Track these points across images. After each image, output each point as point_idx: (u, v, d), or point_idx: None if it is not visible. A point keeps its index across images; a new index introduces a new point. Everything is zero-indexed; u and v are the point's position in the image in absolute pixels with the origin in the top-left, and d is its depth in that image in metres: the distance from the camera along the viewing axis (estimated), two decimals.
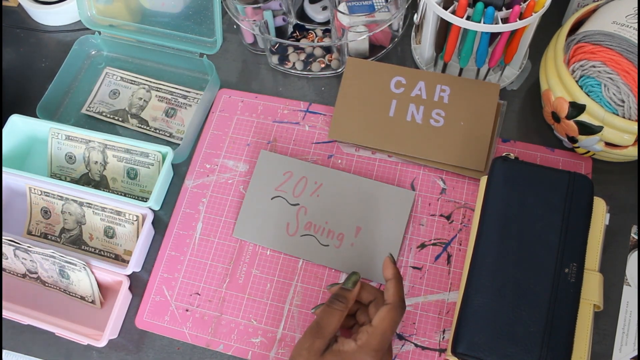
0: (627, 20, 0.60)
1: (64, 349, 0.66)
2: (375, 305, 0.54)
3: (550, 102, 0.64)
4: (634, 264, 0.63)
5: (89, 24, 0.80)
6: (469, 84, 0.71)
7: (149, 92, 0.78)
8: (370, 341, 0.51)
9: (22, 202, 0.73)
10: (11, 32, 0.87)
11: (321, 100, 0.76)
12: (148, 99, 0.78)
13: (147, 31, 0.79)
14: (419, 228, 0.67)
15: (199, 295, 0.66)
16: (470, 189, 0.68)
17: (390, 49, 0.79)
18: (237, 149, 0.74)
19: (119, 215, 0.69)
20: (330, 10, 0.74)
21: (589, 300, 0.57)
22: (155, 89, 0.79)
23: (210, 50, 0.76)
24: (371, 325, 0.52)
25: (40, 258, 0.66)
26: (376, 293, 0.56)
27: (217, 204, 0.71)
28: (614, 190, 0.66)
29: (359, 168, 0.71)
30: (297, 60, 0.78)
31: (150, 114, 0.77)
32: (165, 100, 0.78)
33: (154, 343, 0.65)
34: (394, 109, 0.71)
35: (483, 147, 0.68)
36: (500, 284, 0.56)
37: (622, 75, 0.59)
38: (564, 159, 0.69)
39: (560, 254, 0.57)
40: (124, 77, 0.80)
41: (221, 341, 0.64)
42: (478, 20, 0.62)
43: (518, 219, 0.59)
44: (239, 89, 0.78)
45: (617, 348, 0.60)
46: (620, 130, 0.60)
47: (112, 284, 0.67)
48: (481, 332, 0.55)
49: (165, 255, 0.69)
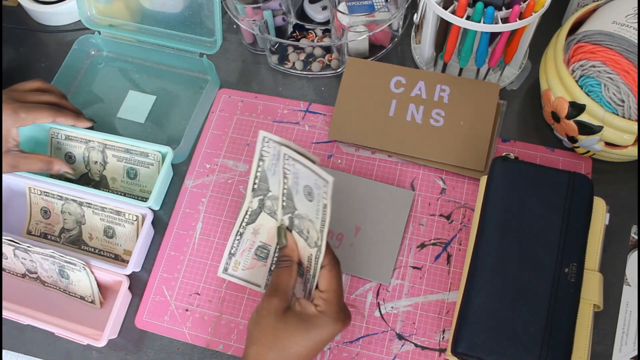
0: (627, 20, 0.60)
1: (64, 349, 0.66)
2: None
3: (550, 102, 0.64)
4: (634, 264, 0.63)
5: (89, 23, 0.80)
6: (468, 83, 0.71)
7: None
8: (328, 305, 0.51)
9: (22, 201, 0.73)
10: (11, 32, 0.87)
11: (321, 100, 0.76)
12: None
13: (146, 31, 0.79)
14: (418, 228, 0.67)
15: (199, 295, 0.66)
16: (470, 188, 0.68)
17: (390, 49, 0.79)
18: (237, 149, 0.74)
19: (119, 215, 0.69)
20: (330, 10, 0.74)
21: (589, 300, 0.57)
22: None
23: (210, 50, 0.76)
24: (322, 291, 0.52)
25: (39, 258, 0.66)
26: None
27: (217, 204, 0.71)
28: (614, 190, 0.66)
29: (358, 168, 0.71)
30: (297, 60, 0.78)
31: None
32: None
33: (153, 343, 0.65)
34: (394, 108, 0.71)
35: (483, 147, 0.68)
36: (500, 283, 0.56)
37: (622, 75, 0.59)
38: (564, 159, 0.69)
39: (560, 254, 0.57)
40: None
41: (221, 341, 0.64)
42: (478, 20, 0.62)
43: (518, 219, 0.59)
44: (238, 88, 0.78)
45: (617, 348, 0.60)
46: (620, 130, 0.60)
47: (111, 284, 0.67)
48: (481, 332, 0.55)
49: (165, 255, 0.69)
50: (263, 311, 0.51)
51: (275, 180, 0.54)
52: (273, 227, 0.57)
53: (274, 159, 0.52)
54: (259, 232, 0.57)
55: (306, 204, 0.52)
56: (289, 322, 0.51)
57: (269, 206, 0.56)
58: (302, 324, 0.50)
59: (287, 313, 0.51)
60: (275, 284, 0.53)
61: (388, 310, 0.63)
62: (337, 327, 0.51)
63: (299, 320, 0.51)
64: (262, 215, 0.57)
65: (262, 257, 0.57)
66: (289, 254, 0.55)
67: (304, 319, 0.51)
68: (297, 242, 0.55)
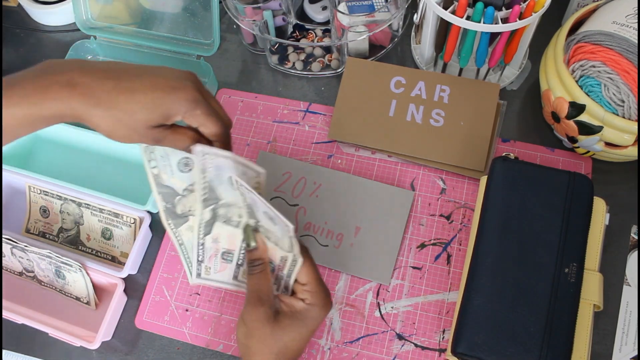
0: (627, 20, 0.60)
1: (64, 349, 0.66)
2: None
3: (550, 102, 0.64)
4: (634, 264, 0.63)
5: (84, 28, 0.80)
6: (468, 84, 0.71)
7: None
8: (315, 296, 0.52)
9: (22, 200, 0.73)
10: (11, 32, 0.87)
11: (321, 100, 0.76)
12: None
13: (143, 34, 0.79)
14: (418, 228, 0.67)
15: (199, 295, 0.66)
16: (470, 189, 0.68)
17: (390, 49, 0.79)
18: (237, 149, 0.74)
19: (117, 217, 0.68)
20: (330, 10, 0.74)
21: (588, 300, 0.57)
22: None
23: (207, 52, 0.76)
24: (304, 284, 0.52)
25: (36, 257, 0.66)
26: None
27: None
28: (614, 190, 0.66)
29: (358, 168, 0.71)
30: (297, 60, 0.78)
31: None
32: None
33: (153, 343, 0.65)
34: (394, 109, 0.71)
35: (483, 147, 0.68)
36: (500, 284, 0.56)
37: (622, 75, 0.59)
38: (564, 159, 0.68)
39: (560, 254, 0.57)
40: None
41: (221, 341, 0.64)
42: (478, 20, 0.62)
43: (518, 219, 0.59)
44: (238, 89, 0.78)
45: (617, 348, 0.60)
46: (620, 130, 0.60)
47: (107, 286, 0.67)
48: (481, 332, 0.55)
49: (165, 255, 0.69)
50: (254, 323, 0.51)
51: (224, 188, 0.52)
52: (232, 233, 0.55)
53: (216, 170, 0.51)
54: (219, 240, 0.55)
55: (271, 225, 0.51)
56: (283, 325, 0.51)
57: (223, 214, 0.54)
58: (296, 321, 0.51)
59: (278, 317, 0.51)
60: (257, 291, 0.52)
61: (388, 311, 0.63)
62: (326, 310, 0.52)
63: (292, 319, 0.51)
64: (216, 225, 0.54)
65: (229, 260, 0.56)
66: (260, 256, 0.54)
67: (296, 317, 0.51)
68: (265, 242, 0.54)
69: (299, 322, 0.51)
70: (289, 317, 0.51)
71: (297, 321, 0.51)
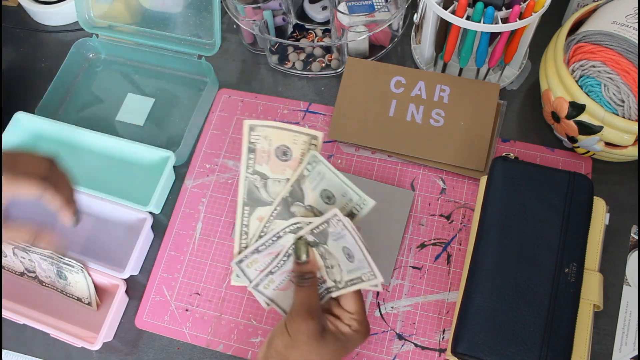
0: (627, 20, 0.60)
1: (64, 349, 0.66)
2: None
3: (550, 102, 0.64)
4: (633, 264, 0.63)
5: (87, 26, 0.80)
6: (468, 83, 0.71)
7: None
8: (360, 325, 0.52)
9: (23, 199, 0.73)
10: (11, 32, 0.87)
11: (321, 100, 0.76)
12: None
13: (145, 33, 0.79)
14: (418, 228, 0.67)
15: (199, 295, 0.66)
16: (470, 188, 0.68)
17: (390, 49, 0.79)
18: (237, 149, 0.74)
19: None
20: (330, 10, 0.74)
21: (588, 300, 0.57)
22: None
23: (208, 52, 0.76)
24: (351, 312, 0.52)
25: (38, 258, 0.66)
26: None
27: (217, 204, 0.71)
28: (614, 190, 0.66)
29: (358, 168, 0.71)
30: (297, 60, 0.78)
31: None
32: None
33: (153, 343, 0.65)
34: (394, 108, 0.71)
35: (483, 147, 0.68)
36: (500, 284, 0.56)
37: (622, 75, 0.59)
38: (564, 159, 0.69)
39: (560, 254, 0.57)
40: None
41: (221, 341, 0.64)
42: (478, 20, 0.62)
43: (518, 219, 0.59)
44: (238, 89, 0.78)
45: (617, 348, 0.60)
46: (620, 130, 0.60)
47: (109, 287, 0.67)
48: (481, 332, 0.55)
49: (165, 255, 0.69)
50: (301, 335, 0.50)
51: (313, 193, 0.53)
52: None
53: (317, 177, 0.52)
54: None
55: (341, 257, 0.52)
56: (329, 343, 0.51)
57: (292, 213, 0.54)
58: (339, 343, 0.51)
59: (324, 335, 0.51)
60: (307, 304, 0.52)
61: (388, 310, 0.63)
62: (366, 338, 0.53)
63: (336, 340, 0.51)
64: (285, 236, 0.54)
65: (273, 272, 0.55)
66: (312, 270, 0.53)
67: (341, 339, 0.51)
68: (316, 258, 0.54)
69: (342, 343, 0.51)
70: (334, 338, 0.51)
71: (341, 343, 0.51)
